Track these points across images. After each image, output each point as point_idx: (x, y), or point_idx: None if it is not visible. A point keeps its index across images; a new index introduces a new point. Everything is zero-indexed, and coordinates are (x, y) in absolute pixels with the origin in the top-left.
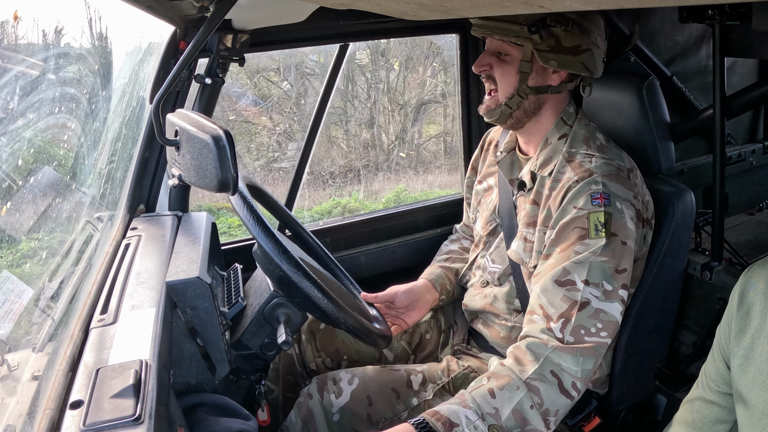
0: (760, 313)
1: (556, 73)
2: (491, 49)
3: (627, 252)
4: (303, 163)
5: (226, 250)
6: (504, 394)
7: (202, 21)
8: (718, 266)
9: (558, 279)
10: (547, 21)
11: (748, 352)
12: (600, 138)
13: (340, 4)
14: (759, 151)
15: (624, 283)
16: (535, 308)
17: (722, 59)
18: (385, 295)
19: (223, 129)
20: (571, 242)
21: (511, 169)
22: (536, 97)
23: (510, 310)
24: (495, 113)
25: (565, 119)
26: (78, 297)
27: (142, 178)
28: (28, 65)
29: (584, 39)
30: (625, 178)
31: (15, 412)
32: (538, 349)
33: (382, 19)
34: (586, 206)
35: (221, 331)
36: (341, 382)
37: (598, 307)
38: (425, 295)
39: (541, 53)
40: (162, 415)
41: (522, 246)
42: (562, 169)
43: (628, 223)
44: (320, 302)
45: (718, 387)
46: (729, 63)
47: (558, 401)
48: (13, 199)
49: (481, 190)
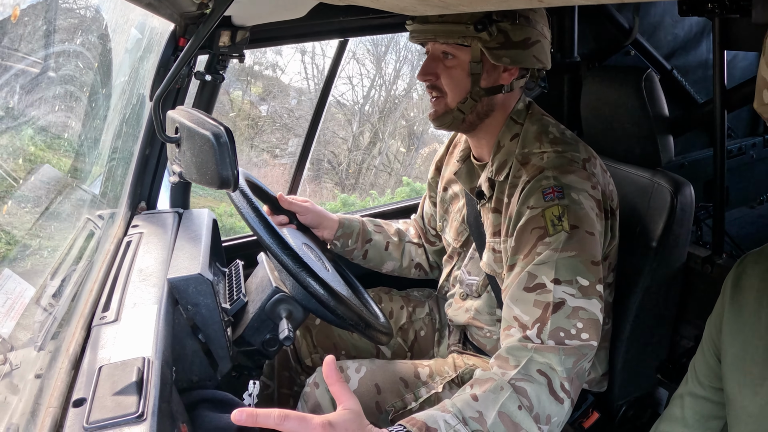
0: (754, 315)
1: (507, 71)
2: (435, 54)
3: (596, 243)
4: (303, 160)
5: (227, 247)
6: (487, 396)
7: (202, 18)
8: (719, 260)
9: (526, 285)
10: (493, 16)
11: (739, 351)
12: (553, 131)
13: (339, 0)
14: (759, 145)
15: (600, 277)
16: (510, 321)
17: (722, 52)
18: (299, 206)
19: (224, 126)
20: (531, 245)
21: (470, 179)
22: (489, 99)
23: (493, 321)
24: (446, 119)
25: (515, 118)
26: (80, 295)
27: (142, 175)
28: (27, 63)
29: (532, 31)
30: (580, 168)
31: (18, 411)
32: (519, 351)
33: (382, 15)
34: (539, 203)
35: (223, 328)
36: (348, 370)
37: (575, 305)
38: (326, 229)
39: (491, 51)
40: (164, 412)
41: (492, 257)
42: (517, 172)
43: (590, 213)
44: (323, 298)
45: (709, 382)
46: (729, 56)
47: (549, 405)
48: (14, 197)
49: (448, 198)
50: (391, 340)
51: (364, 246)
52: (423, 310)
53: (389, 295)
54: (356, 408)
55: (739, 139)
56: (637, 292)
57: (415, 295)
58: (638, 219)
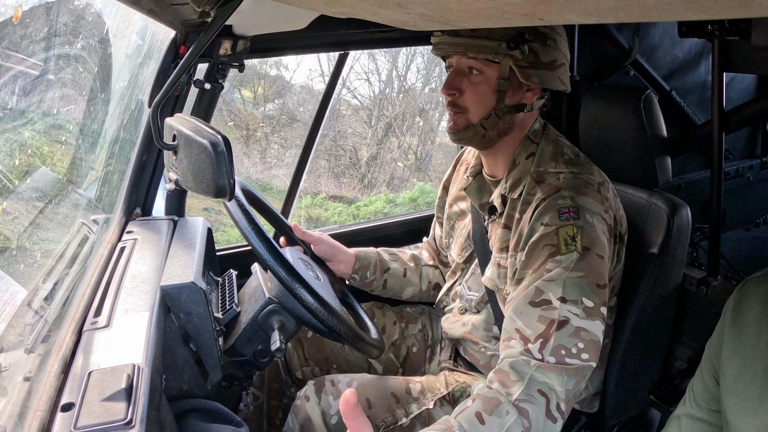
0: (754, 337)
1: (530, 90)
2: (460, 68)
3: (604, 266)
4: (300, 171)
5: (221, 256)
6: (494, 420)
7: (203, 26)
8: (715, 281)
9: (532, 300)
10: (526, 36)
11: (738, 373)
12: (568, 152)
13: (341, 13)
14: (756, 167)
15: (604, 300)
16: (511, 333)
17: (721, 74)
18: (312, 237)
19: (221, 135)
20: (542, 261)
21: (480, 194)
22: (510, 117)
23: (489, 338)
24: (467, 133)
25: (532, 137)
26: (72, 299)
27: (138, 181)
28: (27, 65)
29: (559, 53)
30: (595, 191)
31: (5, 413)
32: (522, 367)
33: (383, 29)
34: (554, 222)
35: (215, 337)
36: (339, 384)
37: (578, 326)
38: (341, 263)
39: (522, 70)
40: (153, 420)
41: (496, 272)
42: (531, 190)
43: (601, 237)
44: (316, 310)
45: (707, 404)
46: (728, 78)
47: (545, 426)
48: (8, 200)
49: (454, 215)
50: (382, 354)
51: (383, 276)
52: (416, 326)
53: (382, 310)
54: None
55: (736, 161)
56: (632, 312)
57: (407, 311)
58: (634, 239)
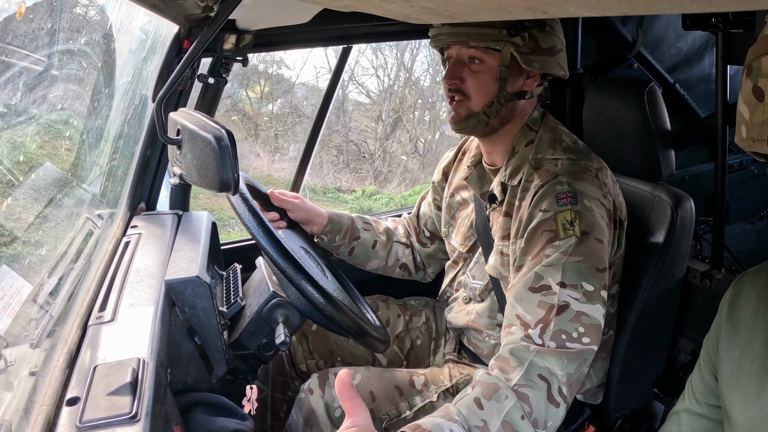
0: (749, 329)
1: (530, 77)
2: (461, 58)
3: (604, 250)
4: (303, 166)
5: (225, 250)
6: (492, 405)
7: (206, 20)
8: (718, 274)
9: (532, 285)
10: (525, 23)
11: (734, 367)
12: (566, 140)
13: (344, 7)
14: None
15: (605, 284)
16: (512, 319)
17: (725, 67)
18: (288, 203)
19: (225, 129)
20: (540, 247)
21: (481, 183)
22: (512, 104)
23: (493, 325)
24: (470, 122)
25: (531, 125)
26: (77, 294)
27: (143, 176)
28: (31, 61)
29: (557, 39)
30: (593, 177)
31: (11, 408)
32: (521, 353)
33: (386, 22)
34: (552, 207)
35: (219, 331)
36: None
37: (579, 310)
38: (315, 225)
39: (523, 56)
40: (158, 414)
41: (499, 260)
42: (530, 177)
43: (600, 221)
44: (320, 304)
45: (706, 399)
46: (732, 71)
47: (545, 410)
48: (13, 195)
49: (456, 204)
50: (387, 348)
51: (351, 243)
52: (420, 319)
53: (386, 303)
54: (365, 423)
55: (740, 153)
56: (635, 305)
57: (412, 303)
58: (638, 232)
